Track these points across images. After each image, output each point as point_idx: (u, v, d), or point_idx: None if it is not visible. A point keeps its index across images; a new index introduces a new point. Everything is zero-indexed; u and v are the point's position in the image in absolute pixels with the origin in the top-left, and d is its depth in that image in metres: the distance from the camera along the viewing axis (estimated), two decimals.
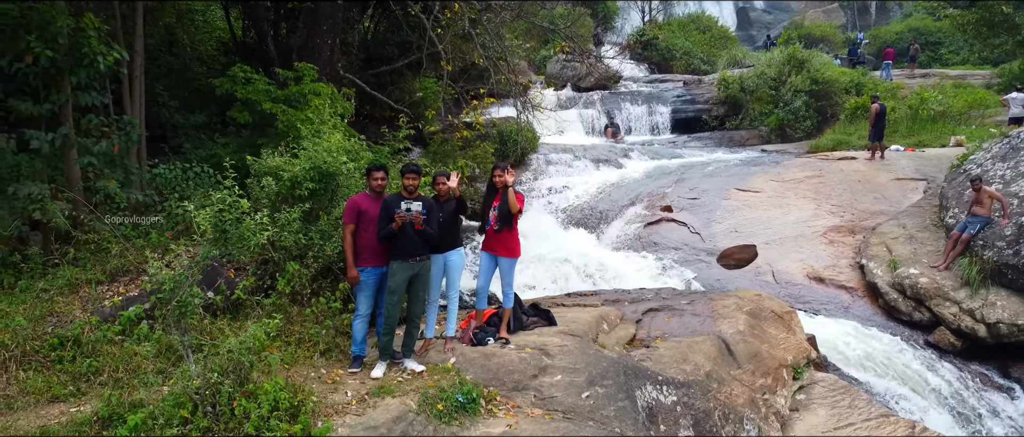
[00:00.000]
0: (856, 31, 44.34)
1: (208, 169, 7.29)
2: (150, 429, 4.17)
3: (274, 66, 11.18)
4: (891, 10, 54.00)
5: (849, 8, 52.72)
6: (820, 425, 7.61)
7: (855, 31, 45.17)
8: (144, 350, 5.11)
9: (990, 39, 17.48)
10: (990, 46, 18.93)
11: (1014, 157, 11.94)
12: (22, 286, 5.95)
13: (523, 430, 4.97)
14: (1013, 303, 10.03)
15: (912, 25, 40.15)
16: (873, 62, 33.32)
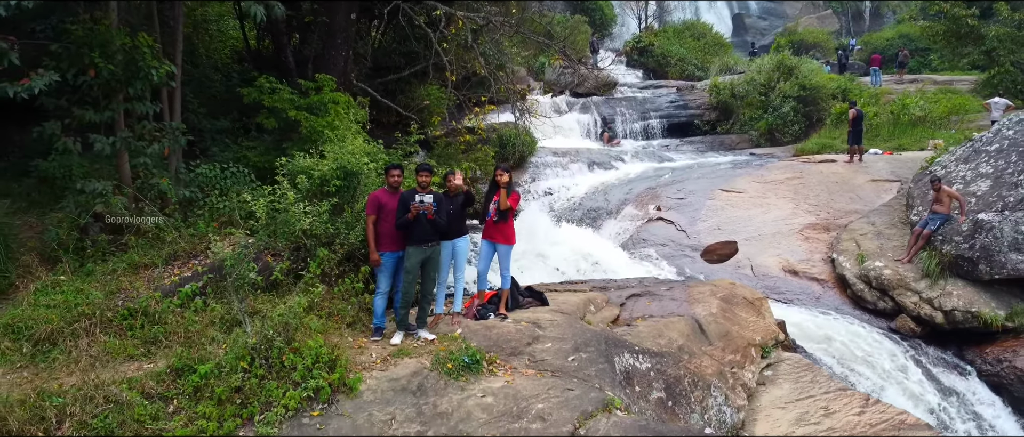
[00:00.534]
0: (848, 37, 45.47)
1: (243, 169, 8.35)
2: (217, 376, 5.21)
3: (292, 75, 12.24)
4: (885, 16, 55.11)
5: (843, 14, 53.89)
6: (783, 396, 8.64)
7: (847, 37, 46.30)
8: (200, 319, 6.14)
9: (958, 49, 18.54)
10: (959, 55, 19.99)
11: (975, 159, 12.98)
12: (88, 269, 6.99)
13: (519, 385, 6.00)
14: (968, 292, 11.06)
15: (903, 32, 41.15)
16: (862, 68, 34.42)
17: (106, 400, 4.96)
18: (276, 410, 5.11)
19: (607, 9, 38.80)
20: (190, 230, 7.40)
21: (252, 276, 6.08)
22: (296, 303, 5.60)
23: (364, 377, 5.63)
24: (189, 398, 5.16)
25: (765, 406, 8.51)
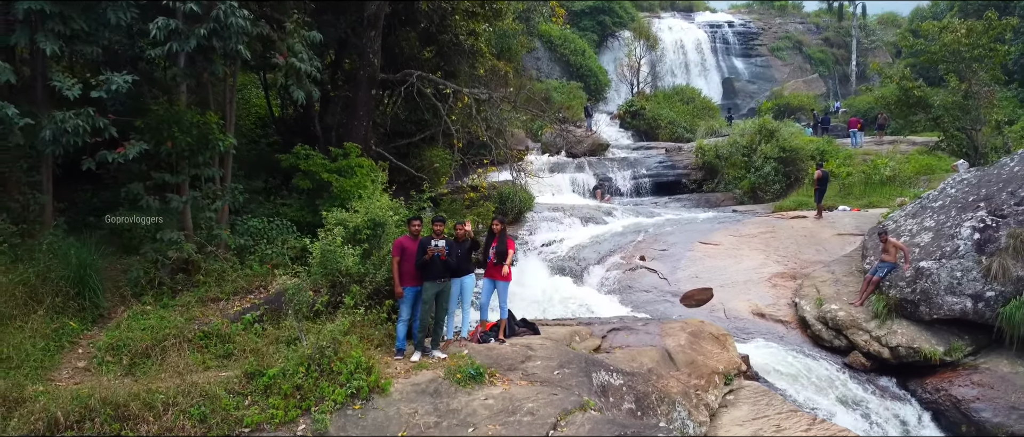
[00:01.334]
0: (833, 101, 48.01)
1: (285, 222, 10.13)
2: (281, 378, 6.85)
3: (317, 142, 14.16)
4: (871, 78, 57.91)
5: (830, 77, 56.70)
6: (741, 416, 10.20)
7: (832, 100, 48.87)
8: (262, 338, 7.80)
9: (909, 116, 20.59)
10: (910, 121, 22.03)
11: (921, 215, 14.76)
12: (166, 302, 8.67)
13: (513, 391, 7.61)
14: (911, 331, 12.65)
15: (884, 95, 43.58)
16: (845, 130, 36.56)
17: (199, 395, 6.58)
18: (327, 403, 6.73)
19: (602, 75, 41.37)
20: (246, 270, 9.13)
21: (307, 302, 7.76)
22: (340, 324, 7.28)
23: (393, 383, 7.25)
24: (261, 394, 6.77)
25: (725, 423, 10.04)
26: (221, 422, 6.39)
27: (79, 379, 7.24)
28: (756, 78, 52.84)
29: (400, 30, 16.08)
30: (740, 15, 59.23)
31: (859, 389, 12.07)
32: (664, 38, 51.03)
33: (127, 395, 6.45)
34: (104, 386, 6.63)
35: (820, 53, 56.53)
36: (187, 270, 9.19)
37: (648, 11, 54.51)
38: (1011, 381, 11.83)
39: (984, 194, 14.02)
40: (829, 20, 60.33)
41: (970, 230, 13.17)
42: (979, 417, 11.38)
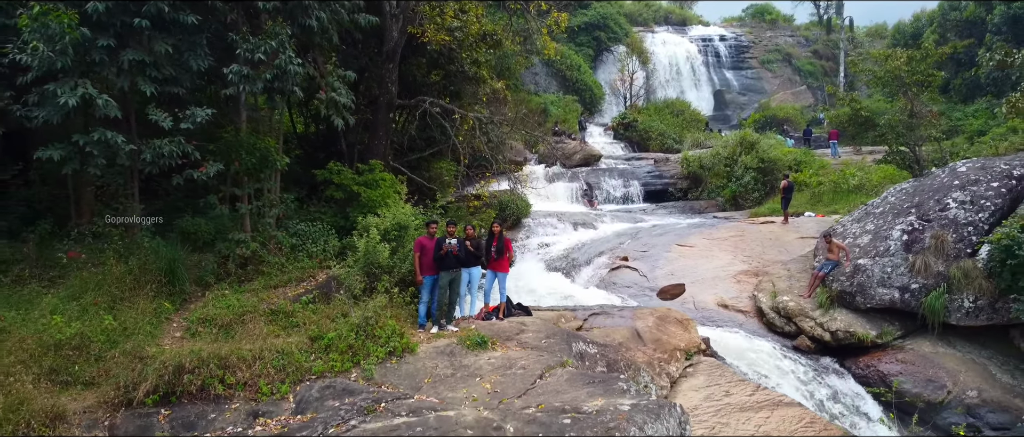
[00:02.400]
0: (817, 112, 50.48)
1: (326, 226, 12.58)
2: (337, 340, 9.27)
3: (342, 158, 16.61)
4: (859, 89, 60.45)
5: (818, 88, 59.22)
6: (698, 384, 12.58)
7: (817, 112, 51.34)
8: (317, 314, 10.22)
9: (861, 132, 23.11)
10: (862, 137, 24.52)
11: (865, 219, 17.19)
12: (236, 288, 11.10)
13: (510, 353, 10.03)
14: (848, 318, 15.06)
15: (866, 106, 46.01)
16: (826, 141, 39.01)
17: (276, 351, 9.00)
18: (372, 358, 9.16)
19: (597, 89, 43.88)
20: (299, 264, 11.58)
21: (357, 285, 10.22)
22: (379, 301, 9.72)
23: (418, 345, 9.69)
24: (322, 352, 9.20)
25: (684, 389, 12.43)
26: (295, 370, 8.81)
27: (179, 344, 9.66)
28: (747, 90, 55.31)
29: (412, 58, 18.56)
30: (732, 28, 61.78)
31: (802, 366, 14.44)
32: (658, 52, 53.63)
33: (226, 351, 8.87)
34: (205, 347, 9.06)
35: (809, 65, 58.97)
36: (251, 264, 11.62)
37: (643, 25, 57.10)
38: (930, 359, 14.23)
39: (916, 201, 16.46)
40: (818, 33, 62.82)
41: (900, 232, 15.61)
42: (901, 388, 13.78)
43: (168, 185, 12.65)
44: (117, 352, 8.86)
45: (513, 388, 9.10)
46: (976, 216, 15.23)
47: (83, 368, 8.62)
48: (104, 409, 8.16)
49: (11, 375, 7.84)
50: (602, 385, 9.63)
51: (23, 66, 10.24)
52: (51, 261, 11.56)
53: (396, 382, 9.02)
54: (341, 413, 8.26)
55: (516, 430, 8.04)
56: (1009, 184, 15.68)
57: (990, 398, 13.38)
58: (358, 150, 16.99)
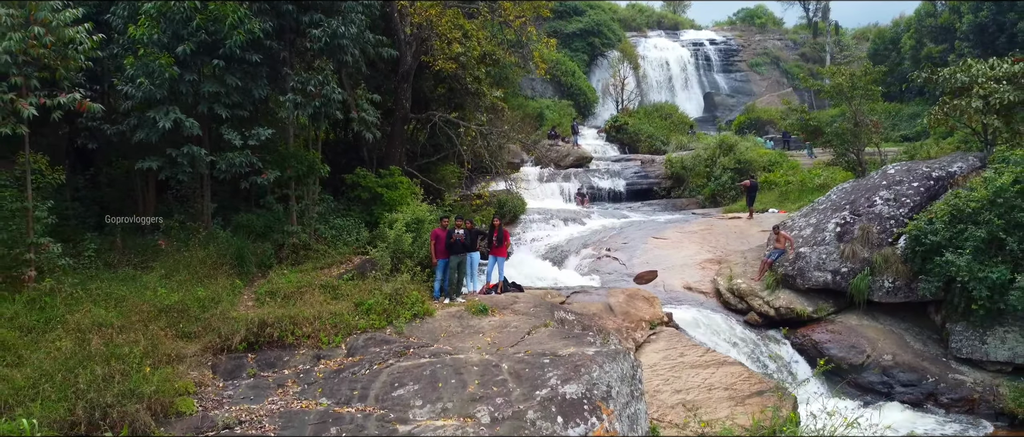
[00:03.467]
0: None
1: (357, 221, 15.76)
2: (375, 305, 12.44)
3: (364, 163, 19.75)
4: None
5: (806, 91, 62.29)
6: (659, 347, 15.72)
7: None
8: (357, 288, 13.39)
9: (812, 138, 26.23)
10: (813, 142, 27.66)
11: (810, 214, 20.33)
12: (291, 269, 14.27)
13: (505, 318, 13.21)
14: (790, 296, 18.18)
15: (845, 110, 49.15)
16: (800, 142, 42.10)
17: (330, 313, 12.17)
18: (401, 319, 12.32)
19: (590, 93, 47.04)
20: (338, 251, 14.76)
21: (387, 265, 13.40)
22: (405, 277, 12.90)
23: (435, 311, 12.88)
24: (364, 314, 12.36)
25: (647, 351, 15.58)
26: (345, 327, 11.98)
27: (253, 310, 12.82)
28: (736, 92, 58.45)
29: (422, 76, 21.71)
30: (723, 32, 64.90)
31: (750, 336, 17.58)
32: (650, 56, 56.78)
33: (293, 313, 12.04)
34: (276, 311, 12.23)
35: (796, 67, 62.08)
36: (300, 250, 14.79)
37: (636, 30, 60.23)
38: (855, 330, 17.40)
39: (851, 199, 19.62)
40: (806, 36, 65.93)
41: (834, 225, 18.77)
42: (828, 352, 16.89)
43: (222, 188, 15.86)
44: (209, 314, 12.03)
45: (507, 340, 12.28)
46: (898, 211, 18.39)
47: (187, 326, 11.78)
48: (208, 353, 11.32)
49: (147, 326, 11.00)
50: (575, 339, 12.82)
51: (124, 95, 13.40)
52: (134, 249, 14.74)
53: (420, 335, 12.19)
54: (381, 355, 11.45)
55: (509, 367, 11.23)
56: (928, 184, 18.83)
57: (902, 361, 16.55)
58: (376, 156, 20.13)
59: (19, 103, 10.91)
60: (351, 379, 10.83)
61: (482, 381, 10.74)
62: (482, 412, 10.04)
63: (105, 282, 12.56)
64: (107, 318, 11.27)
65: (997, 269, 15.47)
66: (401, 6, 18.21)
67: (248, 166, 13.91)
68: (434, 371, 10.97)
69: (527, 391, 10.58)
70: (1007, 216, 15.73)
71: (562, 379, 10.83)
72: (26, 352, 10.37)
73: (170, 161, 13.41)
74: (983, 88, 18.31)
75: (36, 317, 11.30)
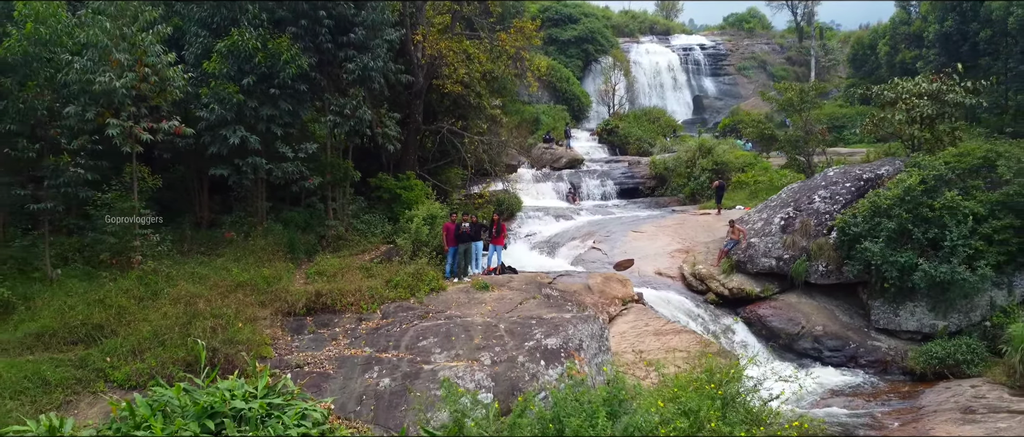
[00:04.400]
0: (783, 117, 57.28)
1: (380, 217, 19.58)
2: (402, 280, 16.26)
3: (381, 167, 23.54)
4: (829, 93, 67.23)
5: None
6: (629, 319, 19.51)
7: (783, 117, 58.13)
8: (386, 269, 17.20)
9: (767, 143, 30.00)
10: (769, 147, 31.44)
11: (764, 210, 24.10)
12: (331, 256, 18.07)
13: (503, 293, 17.04)
14: (742, 279, 21.96)
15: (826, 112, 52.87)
16: None
17: (367, 288, 15.97)
18: (421, 292, 16.14)
19: (584, 98, 50.81)
20: (367, 241, 18.56)
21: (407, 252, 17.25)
22: (423, 261, 16.72)
23: (447, 287, 16.71)
24: (392, 288, 16.16)
25: (618, 322, 19.36)
26: (379, 298, 15.77)
27: (304, 285, 16.61)
28: (724, 95, 62.15)
29: (431, 92, 25.48)
30: (713, 37, 68.60)
31: (707, 312, 21.34)
32: (642, 61, 60.50)
33: (339, 288, 15.85)
34: (325, 286, 16.03)
35: (783, 71, 65.66)
36: (338, 241, 18.59)
37: (629, 36, 63.96)
38: (794, 306, 21.16)
39: (796, 197, 23.39)
40: (792, 40, 69.57)
41: (780, 218, 22.55)
42: (770, 324, 20.67)
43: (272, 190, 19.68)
44: (274, 288, 15.83)
45: (503, 308, 16.08)
46: (832, 207, 22.15)
47: (258, 296, 15.57)
48: (277, 315, 15.11)
49: (230, 296, 14.80)
50: (557, 308, 16.64)
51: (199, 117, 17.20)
52: (199, 240, 18.55)
53: (436, 304, 16.00)
54: (407, 318, 15.27)
55: (504, 326, 15.04)
56: (858, 184, 22.58)
57: (830, 331, 20.32)
58: (394, 162, 23.92)
59: (136, 129, 14.69)
60: (387, 334, 14.65)
61: (484, 336, 14.56)
62: (485, 357, 13.84)
63: (189, 265, 16.38)
64: (198, 291, 15.09)
65: (905, 254, 19.23)
66: (416, 40, 21.98)
67: (298, 174, 17.70)
68: (448, 329, 14.78)
69: (518, 343, 14.40)
70: (914, 211, 19.49)
71: (545, 334, 14.66)
72: (143, 314, 14.20)
73: (236, 169, 17.20)
74: (906, 103, 22.05)
75: (144, 290, 15.12)
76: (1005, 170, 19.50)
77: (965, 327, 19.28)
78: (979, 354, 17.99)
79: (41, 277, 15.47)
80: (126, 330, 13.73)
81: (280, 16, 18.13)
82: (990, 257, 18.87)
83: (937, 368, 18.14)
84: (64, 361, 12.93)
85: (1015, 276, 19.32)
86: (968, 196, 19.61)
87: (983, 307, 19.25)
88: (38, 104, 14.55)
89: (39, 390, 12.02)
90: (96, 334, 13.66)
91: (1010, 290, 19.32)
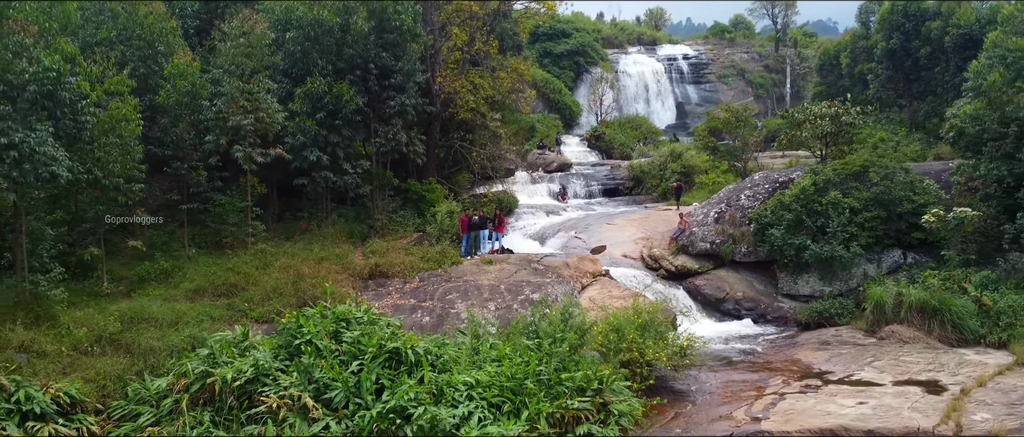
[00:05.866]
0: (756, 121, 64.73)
1: (410, 213, 27.25)
2: (432, 255, 23.96)
3: (408, 174, 31.19)
4: (805, 96, 74.69)
5: (768, 98, 73.50)
6: (596, 288, 27.21)
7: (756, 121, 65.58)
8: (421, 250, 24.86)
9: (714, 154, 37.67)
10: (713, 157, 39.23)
11: (705, 206, 31.69)
12: (379, 240, 25.73)
13: (502, 267, 24.77)
14: (686, 259, 29.60)
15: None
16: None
17: (408, 261, 23.62)
18: (446, 264, 23.86)
19: (575, 107, 58.43)
20: (403, 230, 26.22)
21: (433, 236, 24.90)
22: (445, 244, 24.38)
23: (462, 262, 24.43)
24: (425, 261, 23.86)
25: (587, 290, 27.00)
26: (417, 267, 23.43)
27: (364, 260, 24.26)
28: (705, 101, 69.62)
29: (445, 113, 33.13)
30: (696, 46, 76.13)
31: (658, 283, 28.88)
32: (630, 70, 68.06)
33: (388, 261, 23.50)
34: (379, 260, 23.66)
35: (760, 78, 73.20)
36: (383, 229, 26.23)
37: (618, 47, 71.52)
38: (722, 278, 28.77)
39: (729, 196, 30.98)
40: (770, 48, 77.03)
41: (714, 212, 30.18)
42: (704, 292, 28.26)
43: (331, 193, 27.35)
44: (343, 262, 23.47)
45: (503, 276, 23.73)
46: (753, 203, 29.71)
47: (334, 266, 23.19)
48: (349, 279, 22.75)
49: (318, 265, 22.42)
50: (541, 277, 24.34)
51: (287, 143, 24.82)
52: (279, 229, 26.16)
53: (456, 273, 23.68)
54: (437, 281, 22.97)
55: (504, 287, 22.74)
56: (774, 185, 30.13)
57: (748, 296, 27.92)
58: (417, 169, 31.52)
59: (253, 154, 22.30)
60: (423, 291, 22.32)
61: (490, 293, 22.25)
62: (490, 305, 21.53)
63: (284, 246, 24.07)
64: (295, 263, 22.74)
65: (800, 238, 26.80)
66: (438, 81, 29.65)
67: (355, 183, 25.32)
68: (465, 288, 22.43)
69: (513, 297, 22.08)
70: (807, 206, 27.06)
71: (532, 292, 22.34)
72: (262, 278, 21.84)
73: (312, 180, 24.82)
74: (811, 123, 29.67)
75: (257, 263, 22.78)
76: (875, 175, 27.07)
77: (845, 292, 26.84)
78: (848, 309, 25.55)
79: (180, 255, 23.09)
80: (253, 287, 21.38)
81: (340, 67, 25.74)
82: (862, 239, 26.42)
83: (818, 320, 25.71)
84: (217, 306, 20.57)
85: (882, 254, 26.93)
86: (847, 194, 27.16)
87: (858, 277, 26.82)
88: (186, 136, 22.16)
89: (209, 321, 19.61)
90: (232, 290, 21.30)
91: (879, 264, 26.93)
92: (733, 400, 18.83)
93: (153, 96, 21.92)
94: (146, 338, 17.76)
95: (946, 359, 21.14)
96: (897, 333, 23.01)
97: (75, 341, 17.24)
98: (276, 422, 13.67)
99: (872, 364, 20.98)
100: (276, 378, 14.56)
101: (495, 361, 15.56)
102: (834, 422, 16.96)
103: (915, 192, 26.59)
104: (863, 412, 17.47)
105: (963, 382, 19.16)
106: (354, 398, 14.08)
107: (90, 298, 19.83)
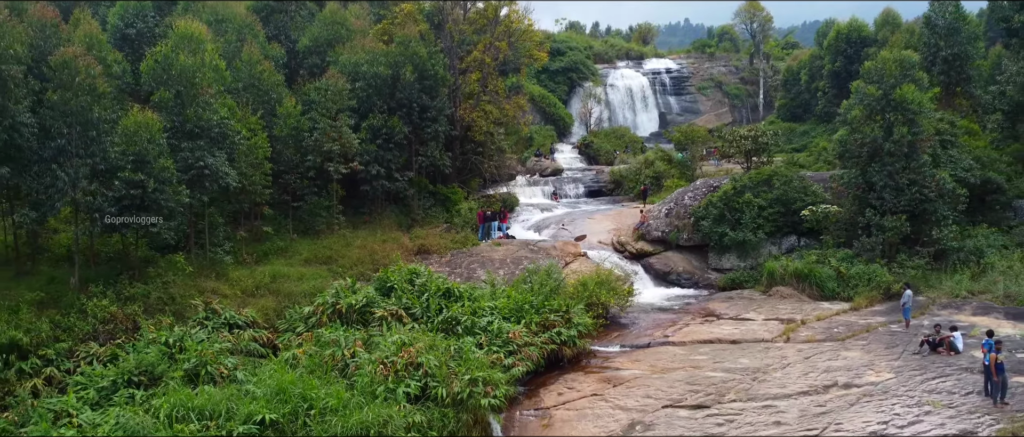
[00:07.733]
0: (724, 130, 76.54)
1: (442, 210, 39.26)
2: (458, 241, 36.01)
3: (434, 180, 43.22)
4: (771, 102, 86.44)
5: (743, 107, 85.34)
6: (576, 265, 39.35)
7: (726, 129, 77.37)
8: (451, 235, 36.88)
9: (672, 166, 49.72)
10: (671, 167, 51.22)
11: (661, 205, 43.65)
12: (421, 229, 37.78)
13: (509, 248, 36.90)
14: (643, 244, 41.63)
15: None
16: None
17: (443, 243, 35.63)
18: (468, 245, 36.00)
19: (568, 119, 70.44)
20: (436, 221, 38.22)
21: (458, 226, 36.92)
22: (467, 231, 36.39)
23: (479, 243, 36.54)
24: (453, 243, 35.94)
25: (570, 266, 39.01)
26: (448, 247, 35.45)
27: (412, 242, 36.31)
28: (685, 111, 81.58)
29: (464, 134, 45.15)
30: (679, 60, 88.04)
31: (623, 262, 40.71)
32: (618, 83, 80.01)
33: (429, 243, 35.53)
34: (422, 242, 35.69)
35: (736, 89, 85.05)
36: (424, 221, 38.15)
37: (607, 62, 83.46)
38: (670, 258, 40.79)
39: (677, 196, 42.93)
40: (746, 61, 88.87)
41: (666, 209, 42.21)
42: (655, 268, 40.22)
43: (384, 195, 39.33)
44: (399, 242, 35.52)
45: (508, 254, 35.78)
46: (694, 202, 41.61)
47: (393, 245, 35.18)
48: (403, 254, 34.72)
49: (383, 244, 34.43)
50: (535, 254, 36.49)
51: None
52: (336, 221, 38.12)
53: (476, 251, 35.74)
54: (463, 256, 35.13)
55: (510, 259, 34.91)
56: (709, 189, 42.00)
57: (687, 270, 39.94)
58: (441, 176, 43.44)
59: (340, 168, 34.26)
60: (454, 262, 34.42)
61: (499, 263, 34.39)
62: (500, 272, 33.70)
63: (357, 233, 36.13)
64: (367, 243, 34.80)
65: (722, 227, 38.75)
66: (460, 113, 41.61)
67: (404, 189, 37.26)
68: (483, 261, 34.50)
69: (515, 266, 34.24)
70: (727, 204, 39.03)
71: (528, 263, 34.43)
72: (347, 253, 33.88)
73: (372, 186, 36.79)
74: (737, 142, 41.63)
75: (341, 243, 34.85)
76: (777, 182, 39.02)
77: (755, 266, 38.76)
78: (754, 277, 37.55)
79: (286, 238, 35.02)
80: (342, 258, 33.39)
81: (392, 105, 37.67)
82: (767, 228, 38.41)
83: (732, 285, 37.73)
84: (322, 270, 32.52)
85: (782, 239, 38.95)
86: (758, 195, 39.07)
87: (765, 255, 38.78)
88: (295, 158, 34.18)
89: (320, 279, 31.51)
90: (330, 260, 33.31)
91: (779, 246, 38.95)
92: (656, 328, 30.90)
93: (271, 130, 33.85)
94: (286, 288, 29.70)
95: (807, 307, 33.12)
96: (780, 292, 35.06)
97: (243, 289, 29.17)
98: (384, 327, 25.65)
99: (755, 310, 33.00)
100: (379, 303, 26.52)
101: (506, 297, 27.56)
102: (714, 336, 29.08)
103: (806, 194, 38.55)
104: (734, 332, 29.57)
105: (806, 318, 31.17)
106: (425, 313, 26.07)
107: (237, 265, 31.80)
